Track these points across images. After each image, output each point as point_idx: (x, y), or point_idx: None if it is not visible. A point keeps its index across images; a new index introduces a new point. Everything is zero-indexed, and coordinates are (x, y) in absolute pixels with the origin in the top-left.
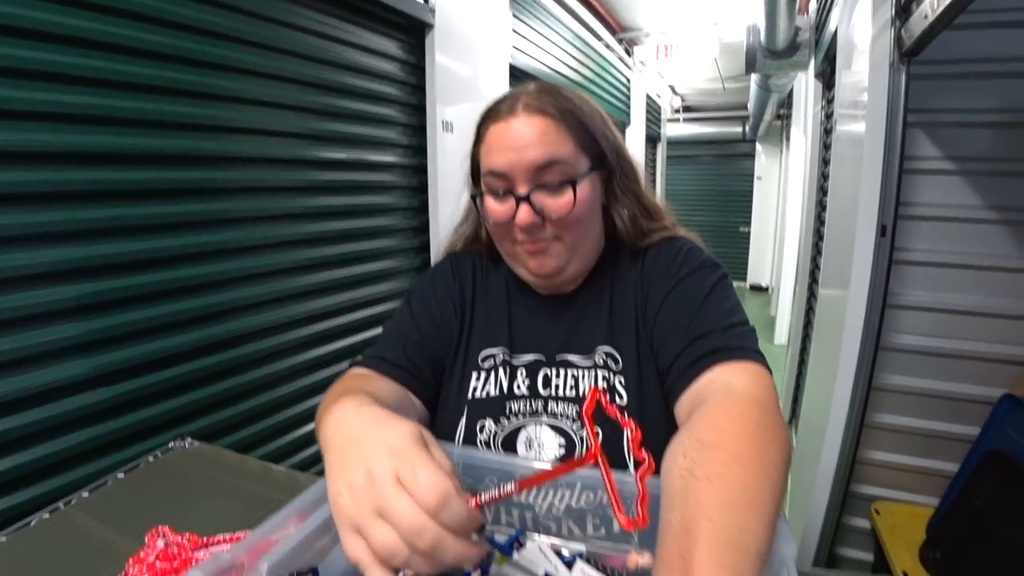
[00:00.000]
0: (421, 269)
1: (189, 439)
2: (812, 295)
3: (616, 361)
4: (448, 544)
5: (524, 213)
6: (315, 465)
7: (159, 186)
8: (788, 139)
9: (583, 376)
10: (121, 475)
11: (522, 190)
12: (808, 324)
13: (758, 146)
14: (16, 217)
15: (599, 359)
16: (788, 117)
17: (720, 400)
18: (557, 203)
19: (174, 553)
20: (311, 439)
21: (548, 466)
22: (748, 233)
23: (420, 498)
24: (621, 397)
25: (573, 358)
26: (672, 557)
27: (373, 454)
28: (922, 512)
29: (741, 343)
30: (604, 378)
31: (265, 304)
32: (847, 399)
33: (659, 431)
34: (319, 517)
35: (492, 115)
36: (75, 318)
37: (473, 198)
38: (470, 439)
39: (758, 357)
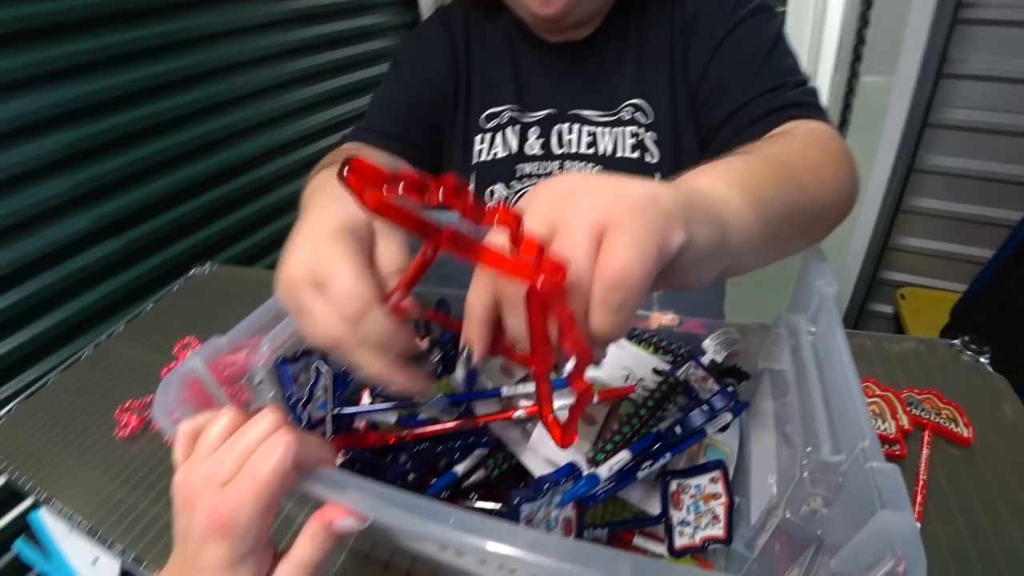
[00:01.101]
0: (411, 26)
1: (209, 263)
2: (851, 89)
3: (646, 114)
4: (370, 361)
5: None
6: None
7: (130, 6)
8: None
9: (603, 133)
10: (150, 306)
11: None
12: (844, 118)
13: None
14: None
15: (625, 114)
16: None
17: (800, 131)
18: None
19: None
20: None
21: None
22: (783, 13)
23: (336, 305)
24: (651, 155)
25: (590, 113)
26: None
27: (301, 246)
28: (948, 297)
29: (814, 101)
30: (632, 135)
31: (266, 124)
32: (884, 182)
33: None
34: None
35: None
36: (66, 170)
37: None
38: None
39: (829, 119)
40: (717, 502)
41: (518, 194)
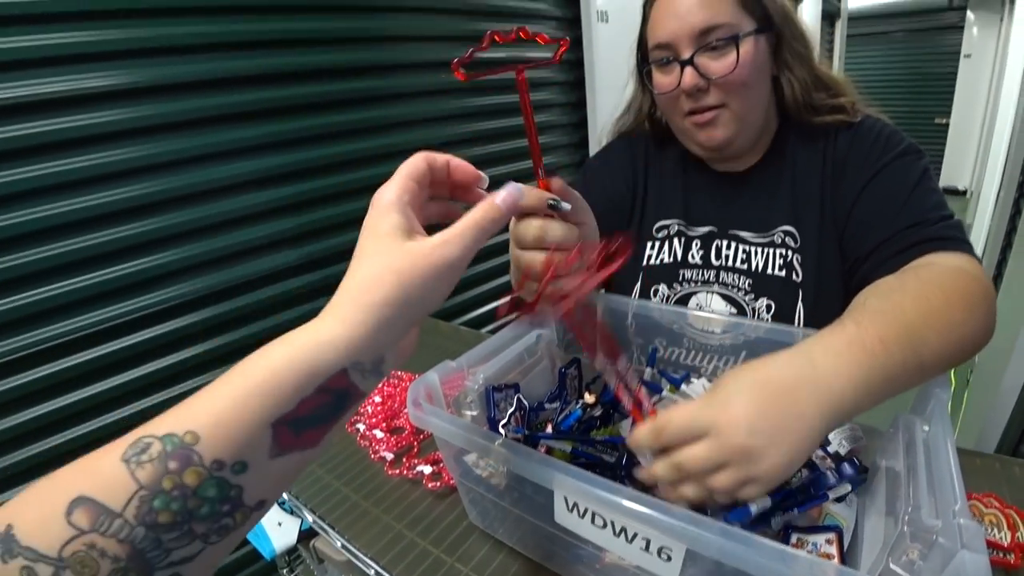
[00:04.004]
0: (579, 165)
1: None
2: (1022, 197)
3: (795, 239)
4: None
5: (688, 76)
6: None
7: (336, 97)
8: (1012, 1)
9: (755, 252)
10: None
11: (685, 54)
12: (1012, 233)
13: (969, 15)
14: (224, 135)
15: (777, 238)
16: None
17: (938, 267)
18: (720, 64)
19: (395, 382)
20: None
21: (714, 316)
22: (946, 124)
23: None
24: (797, 274)
25: (746, 234)
26: (859, 313)
27: None
28: None
29: (954, 234)
30: (781, 256)
31: None
32: None
33: (834, 311)
34: (516, 349)
35: None
36: (284, 216)
37: (641, 72)
38: None
39: (972, 250)
40: (830, 562)
41: (677, 295)
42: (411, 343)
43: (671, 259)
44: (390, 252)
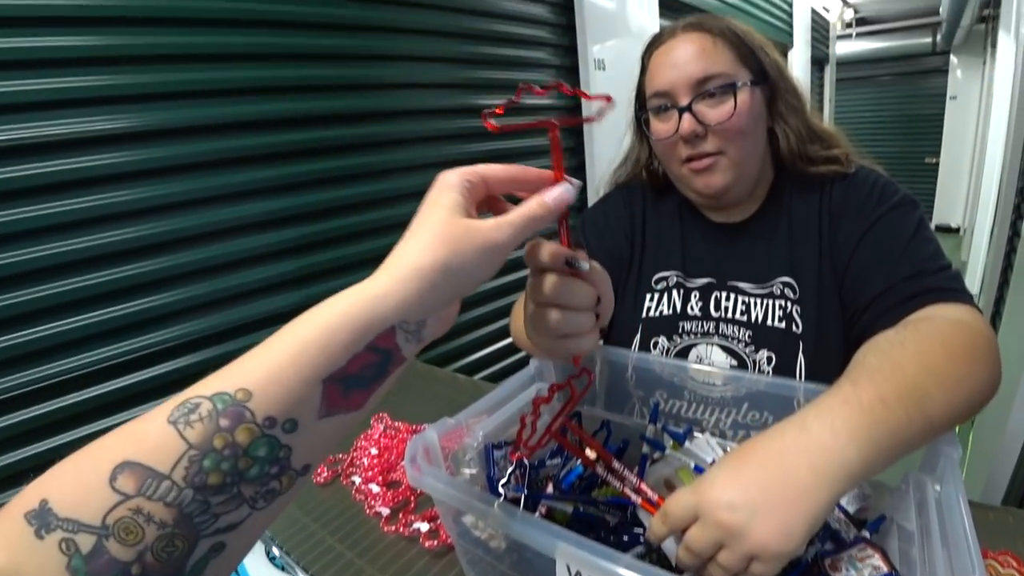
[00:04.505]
0: (579, 210)
1: None
2: (1015, 235)
3: (794, 291)
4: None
5: (686, 122)
6: (499, 381)
7: (338, 142)
8: (994, 46)
9: (755, 303)
10: None
11: (683, 101)
12: (1008, 270)
13: (953, 59)
14: (226, 178)
15: (776, 289)
16: (995, 18)
17: (938, 320)
18: (718, 111)
19: (392, 433)
20: (490, 361)
21: (715, 370)
22: (936, 164)
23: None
24: (797, 325)
25: (745, 285)
26: (857, 372)
27: None
28: None
29: (953, 285)
30: (781, 307)
31: None
32: None
33: (835, 362)
34: (516, 404)
35: (653, 43)
36: (292, 257)
37: (639, 120)
38: None
39: (972, 300)
40: None
41: (677, 347)
42: (452, 315)
43: (670, 311)
44: (445, 223)
